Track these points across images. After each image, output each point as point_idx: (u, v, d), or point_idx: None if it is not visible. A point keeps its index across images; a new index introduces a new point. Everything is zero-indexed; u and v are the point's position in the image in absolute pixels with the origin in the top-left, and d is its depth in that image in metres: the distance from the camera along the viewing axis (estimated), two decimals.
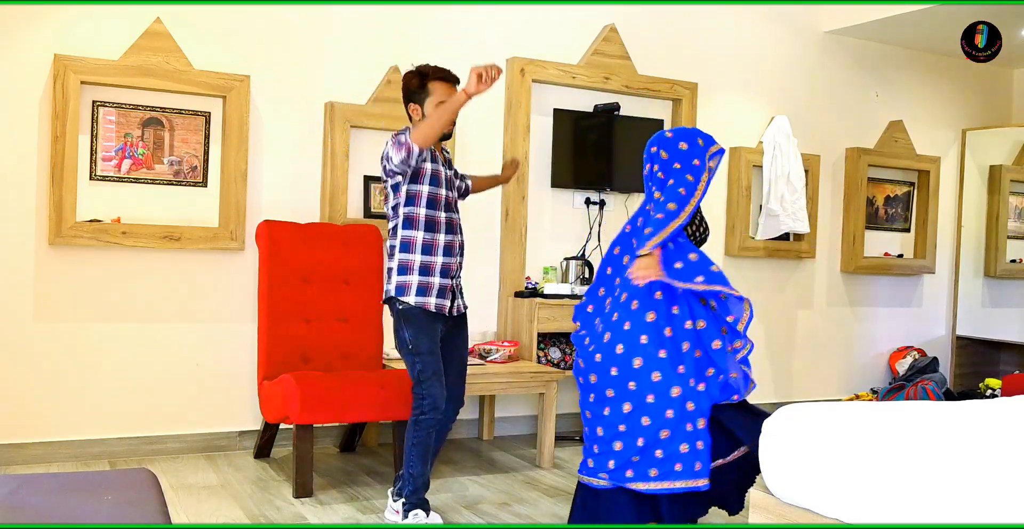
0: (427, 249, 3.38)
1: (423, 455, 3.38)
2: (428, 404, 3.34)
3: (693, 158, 3.13)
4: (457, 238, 3.47)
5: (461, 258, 3.51)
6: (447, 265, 3.41)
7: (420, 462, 3.38)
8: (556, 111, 5.14)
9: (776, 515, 2.51)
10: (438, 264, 3.39)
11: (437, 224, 3.39)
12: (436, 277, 3.39)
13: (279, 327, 4.14)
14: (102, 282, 4.24)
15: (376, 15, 4.76)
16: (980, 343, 6.80)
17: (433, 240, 3.38)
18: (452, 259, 3.44)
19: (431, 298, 3.38)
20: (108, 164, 4.26)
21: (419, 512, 3.38)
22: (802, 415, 2.54)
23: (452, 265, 3.43)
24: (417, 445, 3.37)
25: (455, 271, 3.46)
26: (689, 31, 5.62)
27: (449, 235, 3.42)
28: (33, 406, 4.14)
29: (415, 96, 3.41)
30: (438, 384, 3.35)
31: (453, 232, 3.44)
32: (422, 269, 3.37)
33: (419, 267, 3.37)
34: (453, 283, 3.46)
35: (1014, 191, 6.78)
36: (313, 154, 4.65)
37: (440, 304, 3.40)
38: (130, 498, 2.06)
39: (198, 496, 3.74)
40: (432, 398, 3.34)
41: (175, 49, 4.28)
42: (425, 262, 3.38)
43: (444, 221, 3.41)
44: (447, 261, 3.41)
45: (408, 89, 3.43)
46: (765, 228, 5.72)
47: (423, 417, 3.35)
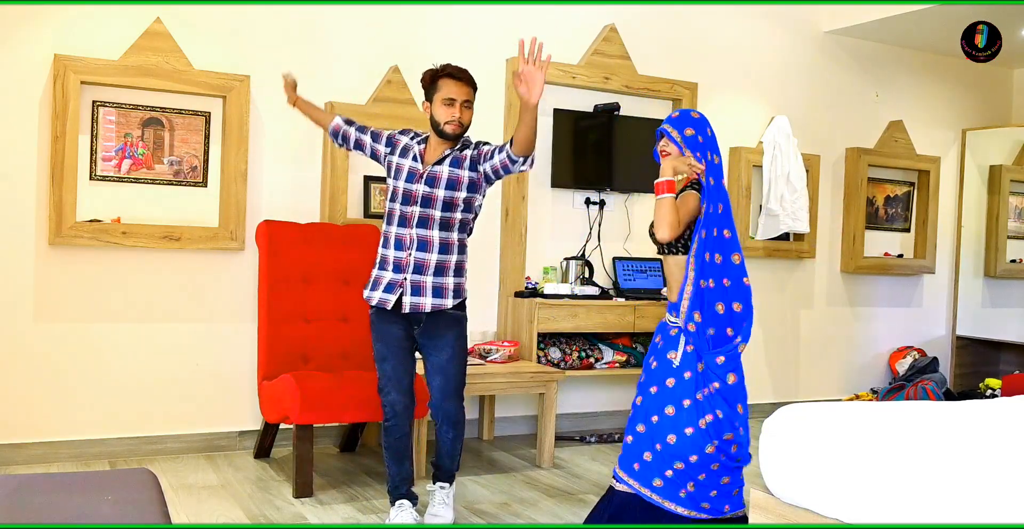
0: (384, 241, 3.41)
1: (396, 457, 3.41)
2: (388, 411, 3.38)
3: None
4: (409, 231, 3.33)
5: (423, 254, 3.32)
6: (397, 260, 3.35)
7: (395, 463, 3.42)
8: (556, 111, 5.14)
9: (776, 515, 2.51)
10: (389, 257, 3.37)
11: (392, 216, 3.39)
12: (387, 271, 3.37)
13: (279, 327, 4.14)
14: (102, 282, 4.24)
15: (376, 15, 4.76)
16: (980, 343, 6.80)
17: (388, 232, 3.39)
18: (402, 253, 3.34)
19: (376, 293, 3.38)
20: (108, 164, 4.26)
21: (403, 502, 3.42)
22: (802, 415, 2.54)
23: (402, 260, 3.34)
24: (388, 449, 3.42)
25: (406, 267, 3.33)
26: (689, 31, 5.62)
27: (401, 228, 3.35)
28: (33, 406, 4.14)
29: (428, 94, 3.41)
30: (395, 391, 3.36)
31: (406, 225, 3.34)
32: (380, 261, 3.42)
33: (379, 259, 3.43)
34: (405, 279, 3.32)
35: (1014, 191, 6.78)
36: (313, 154, 4.65)
37: (382, 299, 3.35)
38: (130, 498, 2.06)
39: (198, 496, 3.74)
40: (390, 406, 3.37)
41: (175, 49, 4.28)
42: (382, 255, 3.41)
43: (398, 214, 3.36)
44: (398, 255, 3.35)
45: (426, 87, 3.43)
46: (765, 228, 5.73)
47: (387, 424, 3.39)
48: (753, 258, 5.87)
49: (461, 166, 3.37)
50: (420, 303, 3.34)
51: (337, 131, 3.61)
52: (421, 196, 3.34)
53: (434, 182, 3.34)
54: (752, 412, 5.89)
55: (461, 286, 3.43)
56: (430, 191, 3.34)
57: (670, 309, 3.24)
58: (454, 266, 3.39)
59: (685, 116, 3.26)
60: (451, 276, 3.38)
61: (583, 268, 5.12)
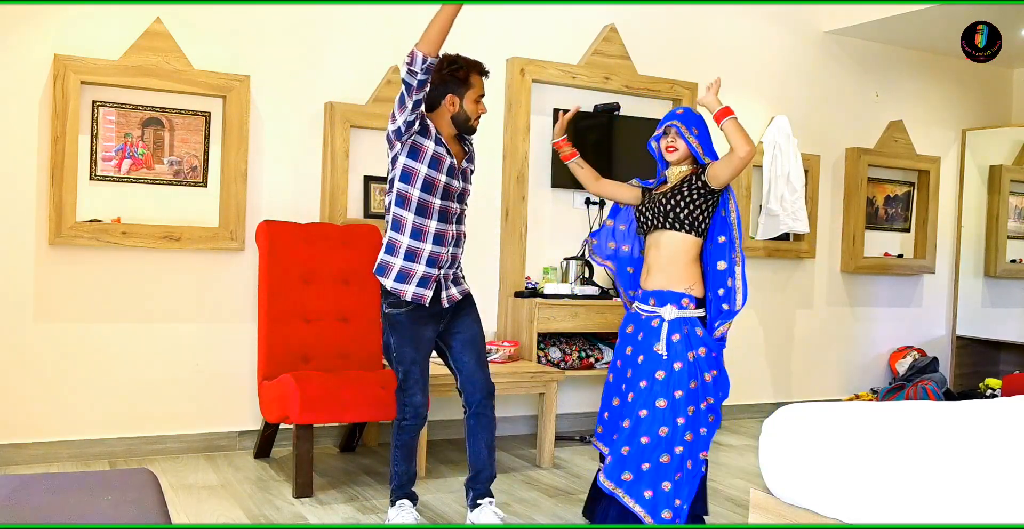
0: (416, 234, 3.22)
1: (407, 456, 3.40)
2: (410, 412, 3.36)
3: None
4: (451, 228, 3.29)
5: (456, 249, 3.34)
6: (435, 254, 3.25)
7: (404, 462, 3.41)
8: (556, 111, 5.14)
9: (776, 515, 2.51)
10: (425, 252, 3.24)
11: (429, 210, 3.21)
12: (421, 264, 3.24)
13: (279, 327, 4.14)
14: (102, 282, 4.24)
15: (376, 15, 4.76)
16: (980, 343, 6.80)
17: (424, 225, 3.22)
18: (443, 249, 3.27)
19: (409, 286, 3.23)
20: (108, 164, 4.26)
21: (404, 502, 3.42)
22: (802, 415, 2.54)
23: (441, 256, 3.27)
24: (400, 448, 3.39)
25: (444, 262, 3.29)
26: (689, 31, 5.62)
27: (442, 224, 3.25)
28: (33, 406, 4.14)
29: (457, 89, 3.25)
30: (420, 393, 3.34)
31: (447, 221, 3.27)
32: (408, 254, 3.24)
33: (405, 251, 3.24)
34: (441, 274, 3.29)
35: (1014, 191, 6.78)
36: (313, 154, 4.65)
37: (418, 293, 3.24)
38: (130, 498, 2.06)
39: (198, 496, 3.74)
40: (413, 407, 3.35)
41: (175, 49, 4.28)
42: (412, 247, 3.23)
43: (438, 208, 3.23)
44: (436, 250, 3.25)
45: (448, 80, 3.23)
46: (765, 228, 5.73)
47: (405, 422, 3.37)
48: (753, 258, 5.87)
49: (473, 160, 3.43)
50: (453, 295, 3.36)
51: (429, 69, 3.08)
52: (459, 192, 3.33)
53: (466, 178, 3.37)
54: (752, 412, 5.89)
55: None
56: (464, 187, 3.36)
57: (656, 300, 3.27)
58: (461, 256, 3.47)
59: (692, 112, 3.35)
60: (461, 265, 3.47)
61: (583, 268, 5.12)
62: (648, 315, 3.25)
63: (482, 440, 3.42)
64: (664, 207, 3.26)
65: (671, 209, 3.24)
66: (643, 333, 3.26)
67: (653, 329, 3.21)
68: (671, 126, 3.29)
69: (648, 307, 3.25)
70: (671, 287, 3.22)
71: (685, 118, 3.29)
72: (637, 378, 3.23)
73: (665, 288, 3.23)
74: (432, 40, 3.04)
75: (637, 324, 3.31)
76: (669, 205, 3.25)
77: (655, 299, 3.24)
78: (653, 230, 3.31)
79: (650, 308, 3.24)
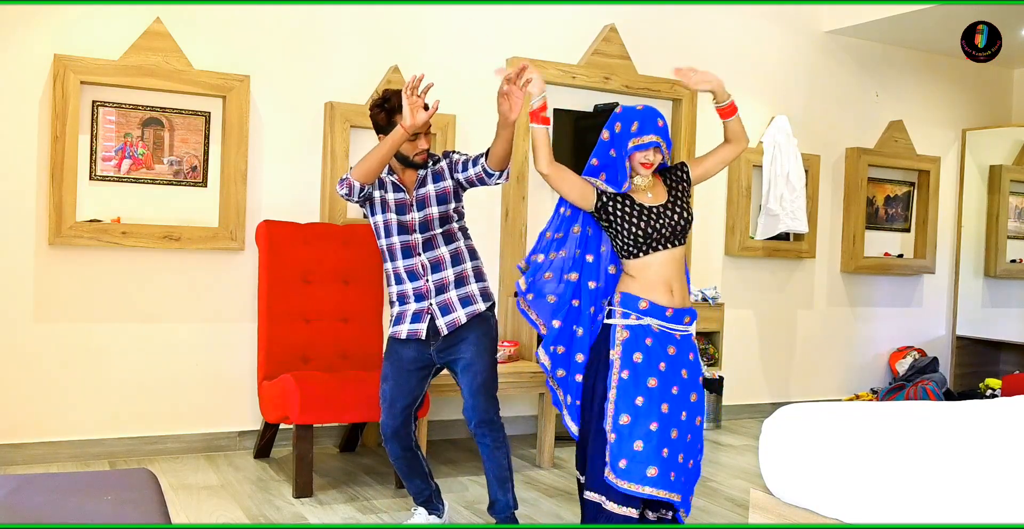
0: (396, 279, 3.31)
1: (402, 474, 3.40)
2: (381, 431, 3.37)
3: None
4: (418, 260, 3.27)
5: (439, 275, 3.27)
6: (417, 290, 3.28)
7: (404, 478, 3.42)
8: (556, 111, 5.13)
9: (776, 515, 2.51)
10: (409, 291, 3.29)
11: (393, 252, 3.28)
12: (409, 304, 3.30)
13: (279, 327, 4.14)
14: (102, 282, 4.24)
15: (376, 15, 4.76)
16: (980, 343, 6.80)
17: (396, 268, 3.30)
18: (420, 282, 3.28)
19: (403, 326, 3.29)
20: (108, 164, 4.26)
21: (418, 509, 3.43)
22: (802, 415, 2.54)
23: (422, 288, 3.27)
24: (394, 462, 3.39)
25: (429, 292, 3.27)
26: (689, 31, 5.62)
27: (407, 259, 3.26)
28: (33, 406, 4.14)
29: (382, 129, 3.26)
30: (386, 413, 3.32)
31: (412, 255, 3.26)
32: (398, 298, 3.33)
33: (396, 296, 3.34)
34: (428, 305, 3.27)
35: (1014, 191, 6.78)
36: (313, 154, 4.65)
37: (413, 330, 3.28)
38: (130, 498, 2.06)
39: (198, 496, 3.74)
40: (381, 426, 3.35)
41: (175, 49, 4.28)
42: (398, 292, 3.32)
43: (400, 247, 3.26)
44: (416, 286, 3.28)
45: (384, 124, 3.25)
46: (765, 228, 5.72)
47: (384, 443, 3.38)
48: (753, 258, 5.88)
49: (444, 177, 3.29)
50: (455, 319, 3.26)
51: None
52: (418, 222, 3.26)
53: (424, 204, 3.26)
54: (752, 412, 5.89)
55: (487, 290, 3.35)
56: (425, 213, 3.25)
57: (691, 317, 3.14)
58: (472, 273, 3.33)
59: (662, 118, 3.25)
60: (474, 283, 3.32)
61: None
62: (683, 334, 3.13)
63: (489, 470, 3.37)
64: (678, 225, 3.12)
65: (687, 223, 3.14)
66: (674, 347, 3.09)
67: (679, 341, 3.10)
68: (655, 145, 3.13)
69: (681, 327, 3.11)
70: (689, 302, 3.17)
71: (665, 132, 3.17)
72: (686, 393, 3.06)
73: (689, 304, 3.16)
74: (370, 171, 3.15)
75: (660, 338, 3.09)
76: (682, 219, 3.13)
77: (690, 317, 3.13)
78: (663, 248, 3.10)
79: (683, 328, 3.12)
